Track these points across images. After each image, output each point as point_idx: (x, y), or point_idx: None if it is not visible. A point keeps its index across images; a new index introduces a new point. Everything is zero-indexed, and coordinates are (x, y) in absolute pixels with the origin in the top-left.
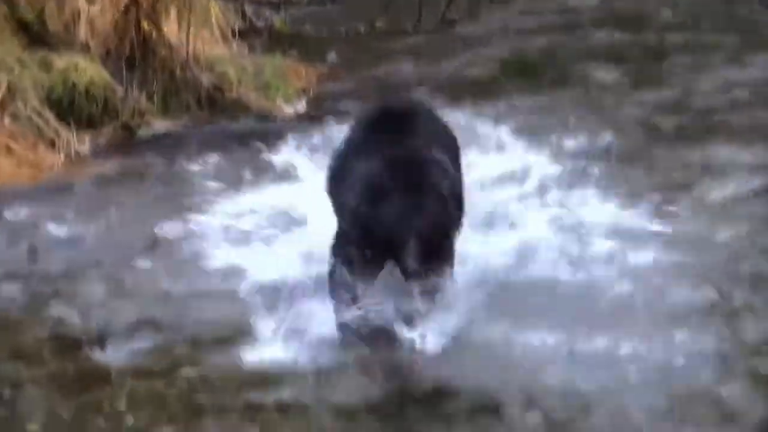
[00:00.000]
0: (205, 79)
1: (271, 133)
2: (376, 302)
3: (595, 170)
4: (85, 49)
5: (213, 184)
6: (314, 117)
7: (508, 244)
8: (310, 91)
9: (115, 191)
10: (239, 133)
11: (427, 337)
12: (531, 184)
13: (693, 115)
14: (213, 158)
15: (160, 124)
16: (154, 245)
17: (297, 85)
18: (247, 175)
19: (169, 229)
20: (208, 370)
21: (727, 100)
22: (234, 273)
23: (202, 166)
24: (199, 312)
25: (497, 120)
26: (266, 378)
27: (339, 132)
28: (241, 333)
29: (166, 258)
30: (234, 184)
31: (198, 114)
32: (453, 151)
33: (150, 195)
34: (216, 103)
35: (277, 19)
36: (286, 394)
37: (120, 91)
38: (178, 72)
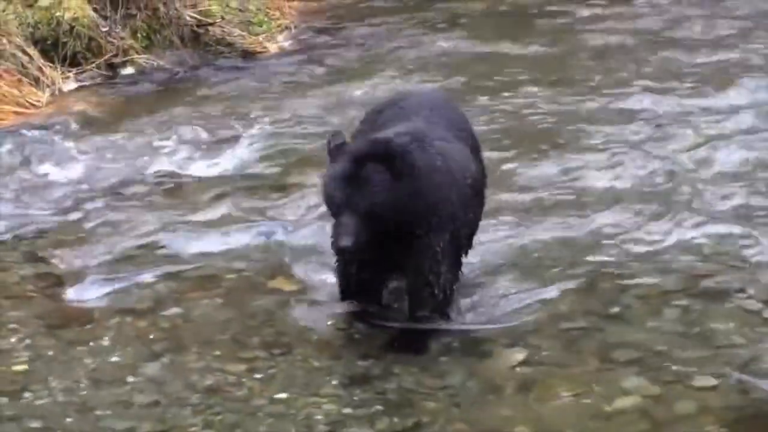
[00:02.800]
0: (189, 16)
1: (255, 70)
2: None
3: None
4: None
5: (194, 122)
6: (297, 54)
7: None
8: (294, 27)
9: (99, 130)
10: (224, 70)
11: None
12: None
13: None
14: (196, 97)
15: (144, 61)
16: (141, 184)
17: (281, 21)
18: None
19: (153, 169)
20: (191, 308)
21: None
22: (217, 213)
23: (184, 106)
24: (183, 250)
25: None
26: (254, 315)
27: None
28: (227, 270)
29: (150, 197)
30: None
31: (182, 51)
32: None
33: (134, 134)
34: (200, 39)
35: None
36: (269, 332)
37: (104, 27)
38: (161, 8)
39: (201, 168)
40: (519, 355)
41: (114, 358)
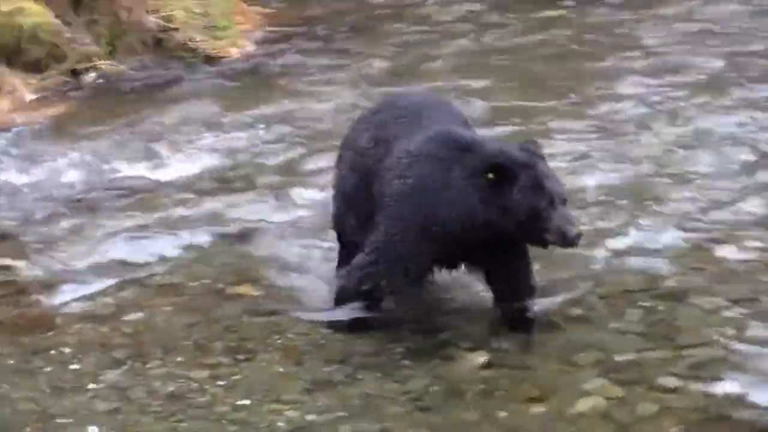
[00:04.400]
0: (152, 21)
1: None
2: None
3: None
4: None
5: (158, 128)
6: (261, 58)
7: None
8: (257, 32)
9: (62, 136)
10: (187, 75)
11: None
12: None
13: None
14: (159, 103)
15: (107, 67)
16: (103, 191)
17: (244, 25)
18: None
19: (116, 175)
20: (154, 314)
21: None
22: (180, 218)
23: (147, 111)
24: (146, 256)
25: None
26: (217, 321)
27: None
28: (189, 276)
29: (112, 203)
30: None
31: (145, 56)
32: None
33: (97, 140)
34: (163, 45)
35: None
36: (232, 338)
37: (67, 34)
38: (124, 14)
39: (164, 173)
40: (482, 358)
41: (76, 365)
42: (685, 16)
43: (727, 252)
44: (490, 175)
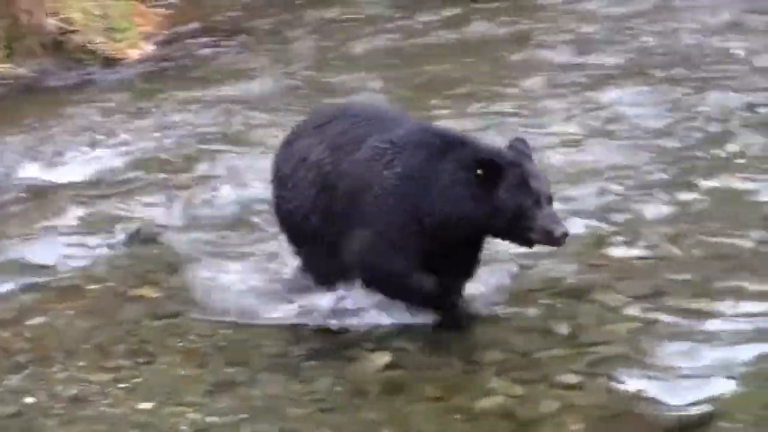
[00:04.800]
0: (51, 24)
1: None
2: None
3: None
4: None
5: (57, 130)
6: (160, 59)
7: None
8: (157, 33)
9: None
10: (86, 77)
11: None
12: None
13: None
14: (58, 105)
15: (6, 71)
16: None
17: (144, 27)
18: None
19: (14, 178)
20: (55, 317)
21: None
22: (79, 220)
23: (46, 114)
24: (47, 259)
25: None
26: (119, 324)
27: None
28: (90, 279)
29: (11, 205)
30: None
31: (44, 58)
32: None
33: None
34: (62, 47)
35: None
36: (133, 341)
37: None
38: (23, 17)
39: (64, 175)
40: (384, 358)
41: None
42: (589, 12)
43: (627, 249)
44: (479, 171)
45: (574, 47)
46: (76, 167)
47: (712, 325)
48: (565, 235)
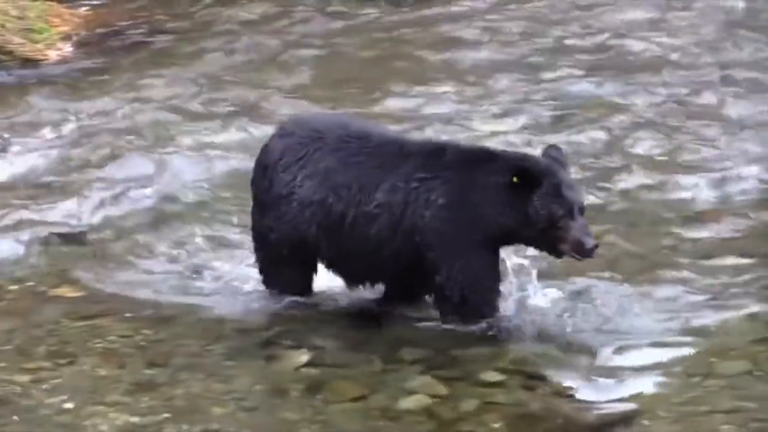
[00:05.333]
0: None
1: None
2: None
3: None
4: None
5: None
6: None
7: None
8: (77, 34)
9: None
10: (3, 80)
11: None
12: None
13: None
14: None
15: None
16: None
17: (63, 28)
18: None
19: None
20: None
21: None
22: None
23: None
24: None
25: None
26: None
27: None
28: (9, 279)
29: None
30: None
31: None
32: None
33: None
34: None
35: None
36: (53, 341)
37: None
38: None
39: None
40: (304, 356)
41: None
42: (496, 11)
43: None
44: (515, 179)
45: (497, 47)
46: None
47: (633, 323)
48: (596, 247)
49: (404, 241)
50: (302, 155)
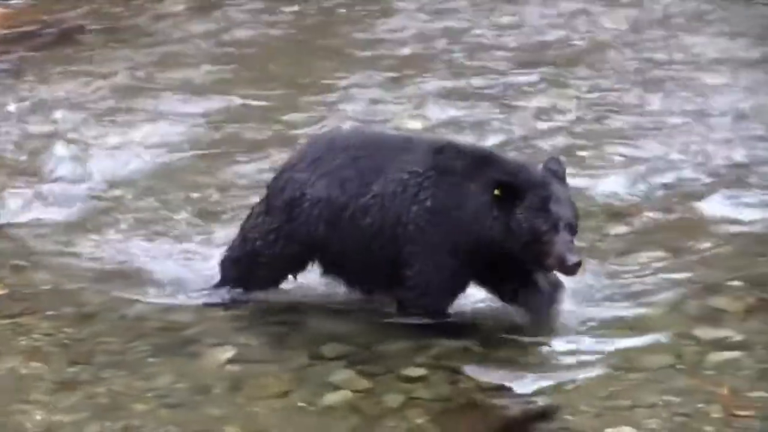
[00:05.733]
0: None
1: None
2: None
3: None
4: None
5: None
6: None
7: None
8: None
9: None
10: None
11: None
12: None
13: None
14: None
15: None
16: None
17: None
18: None
19: None
20: None
21: None
22: None
23: None
24: None
25: None
26: None
27: None
28: None
29: None
30: None
31: None
32: None
33: None
34: None
35: None
36: None
37: None
38: None
39: None
40: (227, 353)
41: None
42: (436, 10)
43: None
44: (496, 192)
45: (419, 41)
46: None
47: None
48: (579, 264)
49: (390, 234)
50: (318, 157)
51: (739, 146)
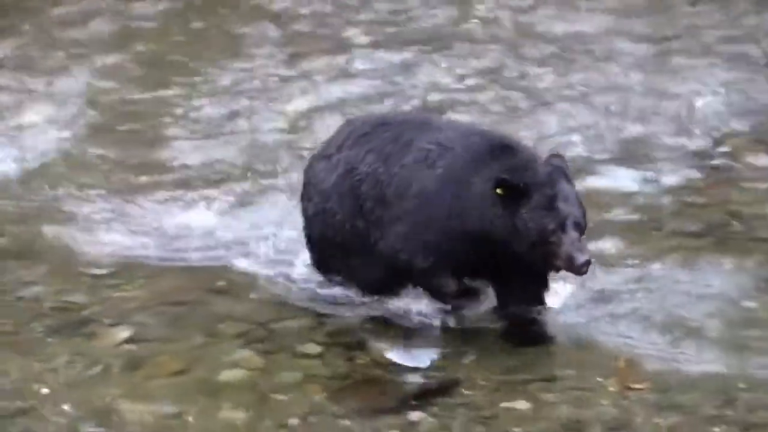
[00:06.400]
0: None
1: None
2: None
3: None
4: None
5: None
6: None
7: None
8: None
9: None
10: None
11: None
12: None
13: None
14: None
15: None
16: None
17: None
18: None
19: None
20: None
21: None
22: None
23: None
24: None
25: None
26: None
27: None
28: None
29: None
30: None
31: None
32: None
33: None
34: None
35: None
36: None
37: None
38: None
39: None
40: (124, 333)
41: None
42: None
43: None
44: (498, 191)
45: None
46: None
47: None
48: (588, 263)
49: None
50: (365, 132)
51: (630, 121)
